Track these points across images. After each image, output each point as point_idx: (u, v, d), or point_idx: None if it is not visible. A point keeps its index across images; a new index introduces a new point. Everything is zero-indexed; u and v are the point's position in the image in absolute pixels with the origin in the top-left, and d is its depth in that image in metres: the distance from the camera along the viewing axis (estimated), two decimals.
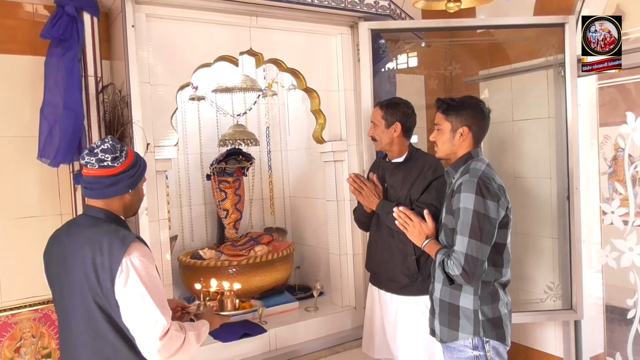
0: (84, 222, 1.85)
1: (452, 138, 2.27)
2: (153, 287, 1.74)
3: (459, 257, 2.08)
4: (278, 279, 3.41)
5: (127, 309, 1.73)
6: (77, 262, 1.76)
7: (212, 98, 3.72)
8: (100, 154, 1.80)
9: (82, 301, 1.76)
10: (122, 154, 1.83)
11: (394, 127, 2.74)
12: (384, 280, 2.81)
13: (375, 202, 2.73)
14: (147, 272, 1.74)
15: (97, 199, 1.84)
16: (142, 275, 1.73)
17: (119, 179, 1.82)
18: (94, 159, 1.79)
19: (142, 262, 1.74)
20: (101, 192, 1.82)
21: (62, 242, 1.84)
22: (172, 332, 1.77)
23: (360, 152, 3.36)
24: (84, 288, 1.75)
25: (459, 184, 2.15)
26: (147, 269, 1.75)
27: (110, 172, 1.81)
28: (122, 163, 1.82)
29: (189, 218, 3.74)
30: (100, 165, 1.79)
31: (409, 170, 2.73)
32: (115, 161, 1.81)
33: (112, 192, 1.83)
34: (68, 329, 1.82)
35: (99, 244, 1.74)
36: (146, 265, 1.75)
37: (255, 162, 3.87)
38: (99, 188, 1.81)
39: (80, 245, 1.77)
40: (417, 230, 2.35)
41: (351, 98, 3.38)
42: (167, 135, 2.78)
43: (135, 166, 1.87)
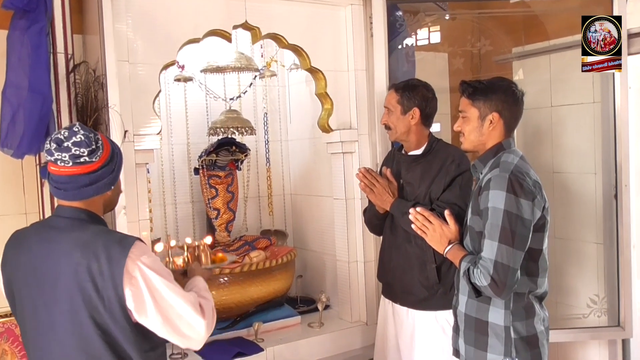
0: (61, 225, 1.81)
1: (479, 126, 2.26)
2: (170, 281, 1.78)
3: (488, 265, 2.07)
4: (277, 290, 3.42)
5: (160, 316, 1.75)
6: (63, 272, 1.73)
7: (201, 79, 3.72)
8: (73, 148, 1.75)
9: (72, 318, 1.73)
10: (98, 145, 1.80)
11: (411, 114, 2.73)
12: (399, 292, 2.81)
13: (389, 201, 2.73)
14: (160, 269, 1.77)
15: (74, 200, 1.81)
16: (160, 273, 1.75)
17: (99, 175, 1.79)
18: (66, 155, 1.75)
19: (151, 260, 1.76)
20: (78, 193, 1.79)
21: (33, 250, 1.80)
22: (202, 304, 1.85)
23: (373, 143, 3.36)
24: (75, 303, 1.72)
25: (488, 180, 2.14)
26: (159, 265, 1.78)
27: (88, 169, 1.77)
28: (100, 156, 1.79)
29: (173, 218, 3.74)
30: (75, 162, 1.75)
31: (429, 164, 2.72)
32: (93, 155, 1.77)
33: (92, 192, 1.80)
34: (46, 351, 1.79)
35: (93, 249, 1.72)
36: (156, 261, 1.78)
37: (251, 154, 3.87)
38: (75, 188, 1.78)
39: (66, 253, 1.74)
40: (437, 234, 2.34)
41: (363, 80, 3.37)
42: (149, 122, 2.78)
43: (113, 157, 1.85)
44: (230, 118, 3.57)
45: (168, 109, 3.70)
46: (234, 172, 3.74)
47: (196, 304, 1.81)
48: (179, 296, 1.77)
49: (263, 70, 3.77)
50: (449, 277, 2.66)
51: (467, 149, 2.35)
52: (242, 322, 3.27)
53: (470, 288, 2.17)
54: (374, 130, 3.34)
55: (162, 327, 1.76)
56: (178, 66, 3.52)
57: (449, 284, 2.65)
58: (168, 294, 1.75)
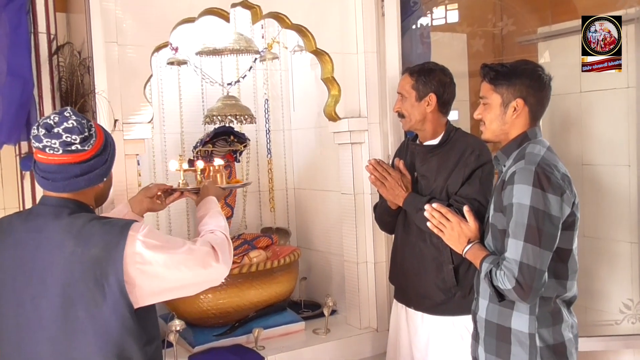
0: (48, 213, 1.81)
1: (502, 114, 2.26)
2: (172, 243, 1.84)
3: (512, 267, 2.07)
4: (279, 293, 3.42)
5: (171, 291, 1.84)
6: (55, 264, 1.74)
7: (197, 62, 3.72)
8: (64, 134, 1.75)
9: (65, 314, 1.74)
10: (91, 132, 1.80)
11: (427, 100, 2.72)
12: (413, 296, 2.81)
13: (402, 195, 2.73)
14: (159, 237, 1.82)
15: (64, 191, 1.81)
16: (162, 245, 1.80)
17: (91, 165, 1.80)
18: (56, 142, 1.75)
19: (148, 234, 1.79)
20: (69, 184, 1.79)
21: (21, 241, 1.80)
22: (215, 244, 1.92)
23: (385, 132, 3.35)
24: (69, 297, 1.72)
25: (512, 173, 2.14)
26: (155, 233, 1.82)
27: (80, 158, 1.78)
28: (94, 144, 1.80)
29: (166, 215, 3.75)
30: (66, 149, 1.76)
31: (446, 155, 2.72)
32: (86, 143, 1.78)
33: (83, 183, 1.81)
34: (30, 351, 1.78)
35: (89, 236, 1.73)
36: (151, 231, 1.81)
37: (251, 145, 3.88)
38: (64, 179, 1.78)
39: (57, 243, 1.75)
40: (455, 233, 2.34)
41: (373, 63, 3.37)
42: (139, 109, 2.78)
43: (107, 147, 1.86)
44: (228, 105, 3.56)
45: (160, 95, 3.69)
46: (232, 164, 3.74)
47: (206, 256, 1.87)
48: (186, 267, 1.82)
49: (264, 52, 3.76)
50: (467, 279, 2.66)
51: (488, 139, 2.34)
52: (240, 328, 3.28)
53: (492, 291, 2.16)
54: (386, 118, 3.33)
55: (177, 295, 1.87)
56: (171, 48, 3.51)
57: (468, 287, 2.65)
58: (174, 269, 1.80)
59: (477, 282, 2.30)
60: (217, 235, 1.99)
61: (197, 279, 1.87)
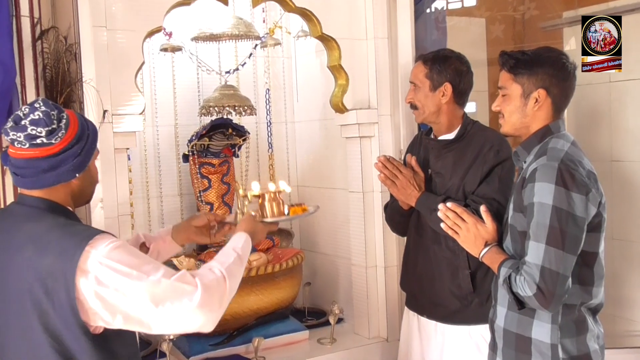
0: (19, 213, 1.83)
1: (523, 106, 2.25)
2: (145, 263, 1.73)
3: (533, 272, 2.07)
4: (281, 300, 3.43)
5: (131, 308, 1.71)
6: (15, 269, 1.75)
7: (192, 49, 3.73)
8: (29, 127, 1.76)
9: (21, 322, 1.75)
10: (60, 124, 1.80)
11: (442, 90, 2.72)
12: (427, 304, 2.81)
13: (415, 195, 2.73)
14: (120, 254, 1.71)
15: (33, 188, 1.83)
16: (117, 259, 1.70)
17: (60, 160, 1.80)
18: (21, 135, 1.76)
19: (111, 250, 1.71)
20: (37, 180, 1.81)
21: None
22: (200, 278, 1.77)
23: (396, 125, 3.36)
24: (24, 305, 1.73)
25: (533, 170, 2.14)
26: (117, 249, 1.72)
27: (47, 152, 1.78)
28: (63, 137, 1.80)
29: (158, 214, 3.76)
30: (32, 143, 1.76)
31: (462, 150, 2.72)
32: (52, 136, 1.78)
33: (52, 180, 1.81)
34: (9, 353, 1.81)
35: (45, 244, 1.73)
36: (117, 251, 1.72)
37: (251, 138, 3.88)
38: (33, 174, 1.79)
39: (18, 247, 1.76)
40: (472, 235, 2.34)
41: (384, 50, 3.37)
42: (130, 99, 2.79)
43: (81, 138, 1.85)
44: (226, 95, 3.57)
45: (153, 85, 3.71)
46: (230, 159, 3.75)
47: (180, 294, 1.71)
48: (150, 301, 1.69)
49: (265, 38, 3.77)
50: (485, 285, 2.66)
51: (507, 132, 2.33)
52: (239, 337, 3.29)
53: (512, 298, 2.16)
54: (397, 110, 3.34)
55: (139, 329, 1.75)
56: (165, 33, 3.52)
57: (485, 294, 2.65)
58: (133, 299, 1.69)
59: (495, 289, 2.30)
60: (213, 274, 1.83)
61: (162, 320, 1.72)
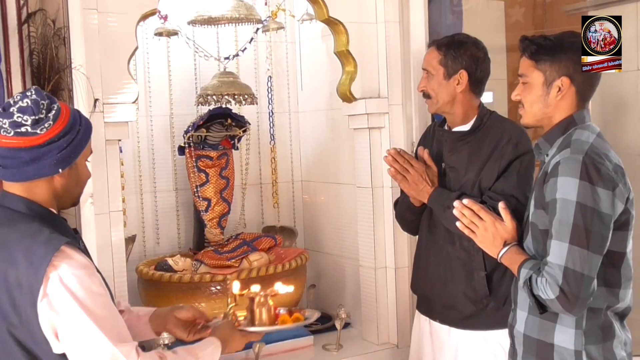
0: None
1: (545, 95, 2.25)
2: (97, 307, 1.75)
3: (555, 273, 2.07)
4: (284, 303, 3.42)
5: (69, 345, 1.75)
6: None
7: (189, 33, 3.73)
8: (16, 114, 1.78)
9: None
10: (48, 115, 1.82)
11: (457, 78, 2.72)
12: (439, 308, 2.81)
13: (427, 191, 2.73)
14: (84, 289, 1.75)
15: (14, 181, 1.84)
16: (78, 296, 1.73)
17: (43, 152, 1.81)
18: (7, 122, 1.78)
19: (76, 276, 1.74)
20: (17, 172, 1.82)
21: None
22: None
23: (408, 116, 3.36)
24: None
25: (555, 164, 2.13)
26: (84, 284, 1.75)
27: (31, 143, 1.79)
28: (49, 128, 1.81)
29: (152, 210, 3.77)
30: (16, 132, 1.78)
31: (479, 143, 2.72)
32: (38, 125, 1.79)
33: (32, 173, 1.82)
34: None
35: (14, 253, 1.75)
36: (82, 280, 1.75)
37: (252, 129, 3.88)
38: (14, 165, 1.81)
39: None
40: (490, 234, 2.34)
41: (395, 34, 3.37)
42: (122, 87, 2.79)
43: (69, 131, 1.86)
44: (224, 83, 3.57)
45: (146, 72, 3.71)
46: (229, 152, 3.75)
47: (117, 353, 1.74)
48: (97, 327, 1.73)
49: (267, 22, 3.76)
50: (502, 288, 2.66)
51: (528, 123, 2.33)
52: None
53: (533, 302, 2.16)
54: (410, 99, 3.34)
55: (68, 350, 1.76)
56: (159, 16, 3.52)
57: (503, 297, 2.65)
58: (82, 318, 1.72)
59: (515, 291, 2.30)
60: None
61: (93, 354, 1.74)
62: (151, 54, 3.72)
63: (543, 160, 2.29)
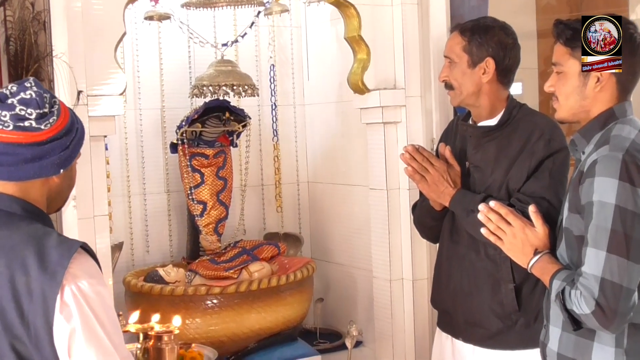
0: None
1: (582, 86, 2.24)
2: (113, 327, 1.76)
3: (591, 285, 2.06)
4: (288, 319, 3.45)
5: None
6: None
7: (183, 17, 3.73)
8: (18, 106, 1.79)
9: None
10: (52, 109, 1.83)
11: (482, 67, 2.72)
12: (462, 324, 2.81)
13: (449, 192, 2.73)
14: (101, 303, 1.75)
15: (10, 180, 1.84)
16: (96, 311, 1.73)
17: (46, 150, 1.81)
18: (7, 115, 1.78)
19: (93, 286, 1.74)
20: (16, 171, 1.82)
21: None
22: None
23: (427, 109, 3.37)
24: None
25: (592, 163, 2.13)
26: (101, 297, 1.76)
27: (33, 139, 1.80)
28: (54, 124, 1.82)
29: (141, 215, 3.78)
30: (17, 125, 1.78)
31: (507, 139, 2.72)
32: (43, 121, 1.80)
33: (33, 172, 1.82)
34: None
35: (21, 257, 1.74)
36: (99, 292, 1.75)
37: (252, 124, 3.89)
38: (12, 163, 1.80)
39: None
40: (519, 241, 2.34)
41: (413, 17, 3.37)
42: (109, 77, 2.80)
43: (71, 131, 1.87)
44: (222, 72, 3.58)
45: (135, 59, 3.72)
46: (227, 149, 3.76)
47: None
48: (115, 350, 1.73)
49: (270, 4, 3.77)
50: (532, 302, 2.66)
51: (563, 118, 2.33)
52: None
53: (566, 317, 2.16)
54: (429, 90, 3.35)
55: None
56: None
57: (533, 313, 2.66)
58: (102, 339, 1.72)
59: (547, 305, 2.29)
60: None
61: None
62: (141, 40, 3.73)
63: (579, 159, 2.29)
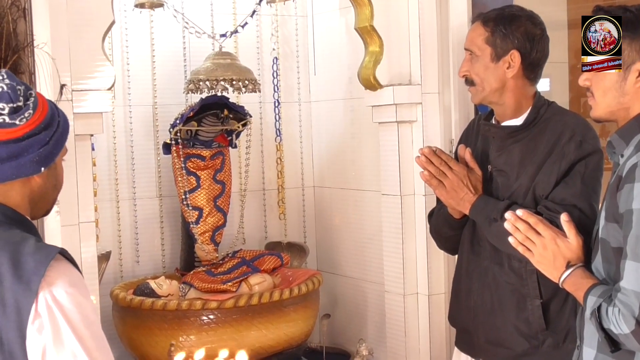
0: None
1: (621, 81, 2.22)
2: (93, 339, 1.75)
3: (630, 302, 2.05)
4: (291, 337, 3.45)
5: None
6: None
7: (177, 4, 3.74)
8: None
9: None
10: (27, 103, 1.83)
11: (507, 60, 2.71)
12: (484, 344, 2.80)
13: (469, 199, 2.72)
14: (81, 315, 1.74)
15: None
16: (74, 323, 1.72)
17: (23, 147, 1.82)
18: None
19: (72, 296, 1.74)
20: None
21: None
22: None
23: (446, 107, 3.36)
24: None
25: (632, 167, 2.11)
26: (81, 308, 1.75)
27: (7, 135, 1.80)
28: (29, 118, 1.82)
29: (131, 221, 3.77)
30: None
31: (534, 141, 2.71)
32: (17, 115, 1.80)
33: (11, 172, 1.82)
34: None
35: None
36: (79, 303, 1.75)
37: (253, 123, 3.88)
38: None
39: None
40: (550, 253, 2.32)
41: (430, 6, 3.37)
42: (95, 70, 2.81)
43: (51, 124, 1.88)
44: (220, 66, 3.57)
45: (125, 51, 3.72)
46: (226, 150, 3.76)
47: None
48: None
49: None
50: (562, 320, 2.66)
51: (599, 116, 2.30)
52: None
53: (602, 337, 2.15)
54: (448, 87, 3.34)
55: None
56: None
57: (562, 332, 2.65)
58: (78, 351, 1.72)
59: (581, 324, 2.28)
60: None
61: None
62: (131, 30, 3.74)
63: (617, 162, 2.26)
